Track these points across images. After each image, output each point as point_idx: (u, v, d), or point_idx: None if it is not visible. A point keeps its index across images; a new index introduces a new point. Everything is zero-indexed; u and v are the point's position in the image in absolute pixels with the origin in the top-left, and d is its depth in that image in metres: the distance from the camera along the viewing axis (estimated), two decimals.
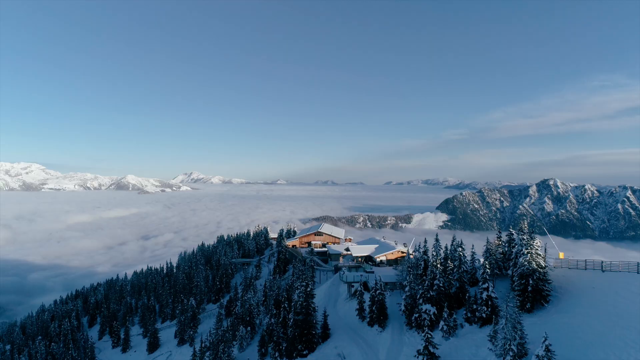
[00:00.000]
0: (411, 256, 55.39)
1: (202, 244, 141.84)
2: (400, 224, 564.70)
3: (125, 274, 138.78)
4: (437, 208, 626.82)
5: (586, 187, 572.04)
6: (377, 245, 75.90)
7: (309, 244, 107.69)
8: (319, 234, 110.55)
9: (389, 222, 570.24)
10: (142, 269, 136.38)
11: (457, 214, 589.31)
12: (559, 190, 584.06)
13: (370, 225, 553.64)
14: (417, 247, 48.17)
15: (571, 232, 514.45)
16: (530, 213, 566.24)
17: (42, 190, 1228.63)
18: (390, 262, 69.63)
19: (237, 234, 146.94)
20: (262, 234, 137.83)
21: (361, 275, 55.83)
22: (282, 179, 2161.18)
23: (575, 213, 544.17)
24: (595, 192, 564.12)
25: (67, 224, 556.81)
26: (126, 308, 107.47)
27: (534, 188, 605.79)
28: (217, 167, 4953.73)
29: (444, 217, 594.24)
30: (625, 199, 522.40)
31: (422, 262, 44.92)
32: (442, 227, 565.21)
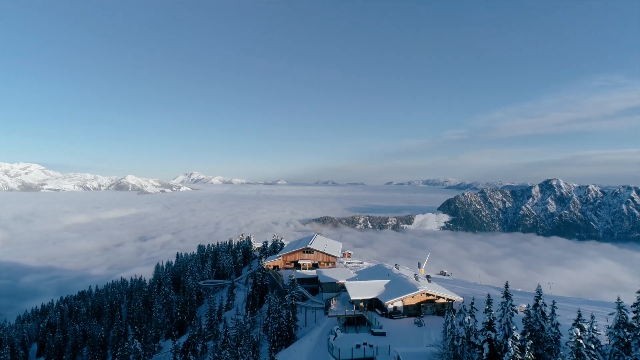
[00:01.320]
0: (441, 300, 40.60)
1: (178, 255, 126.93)
2: (401, 225, 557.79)
3: (97, 286, 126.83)
4: (439, 209, 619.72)
5: (590, 187, 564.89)
6: (387, 281, 51.17)
7: (296, 264, 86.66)
8: (309, 250, 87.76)
9: (389, 222, 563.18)
10: (113, 281, 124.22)
11: (459, 214, 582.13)
12: (562, 190, 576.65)
13: (371, 226, 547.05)
14: (468, 308, 30.24)
15: (575, 233, 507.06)
16: (533, 214, 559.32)
17: (42, 190, 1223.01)
18: (409, 310, 46.01)
19: (217, 243, 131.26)
20: (244, 246, 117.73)
21: (364, 345, 35.93)
22: (283, 179, 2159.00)
23: (579, 214, 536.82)
24: (599, 192, 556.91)
25: (64, 225, 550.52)
26: (75, 337, 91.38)
27: (537, 188, 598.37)
28: (217, 168, 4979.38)
29: (445, 217, 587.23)
30: (630, 200, 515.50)
31: (486, 344, 26.61)
32: (443, 228, 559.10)
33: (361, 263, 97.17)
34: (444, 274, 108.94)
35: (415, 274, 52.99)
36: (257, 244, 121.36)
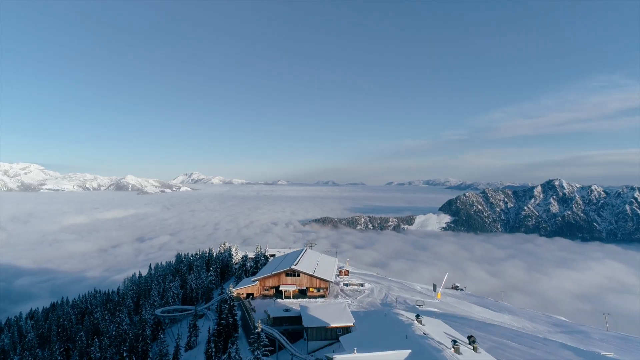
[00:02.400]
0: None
1: (152, 267, 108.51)
2: (402, 225, 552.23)
3: (67, 297, 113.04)
4: (440, 209, 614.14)
5: (592, 187, 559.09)
6: (407, 354, 26.65)
7: (277, 290, 68.47)
8: (294, 273, 68.37)
9: (390, 223, 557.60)
10: (80, 295, 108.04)
11: (461, 215, 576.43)
12: (564, 191, 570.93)
13: (371, 227, 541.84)
14: None
15: (578, 234, 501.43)
16: (535, 214, 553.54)
17: (41, 190, 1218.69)
18: None
19: (197, 252, 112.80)
20: (222, 259, 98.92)
21: None
22: (283, 179, 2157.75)
23: (582, 214, 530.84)
24: (602, 192, 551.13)
25: (62, 226, 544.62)
26: None
27: (539, 189, 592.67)
28: (217, 168, 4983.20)
29: (447, 218, 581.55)
30: (633, 200, 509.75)
31: None
32: (445, 228, 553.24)
33: (362, 285, 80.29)
34: (456, 288, 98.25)
35: (455, 341, 27.95)
36: (240, 254, 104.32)
